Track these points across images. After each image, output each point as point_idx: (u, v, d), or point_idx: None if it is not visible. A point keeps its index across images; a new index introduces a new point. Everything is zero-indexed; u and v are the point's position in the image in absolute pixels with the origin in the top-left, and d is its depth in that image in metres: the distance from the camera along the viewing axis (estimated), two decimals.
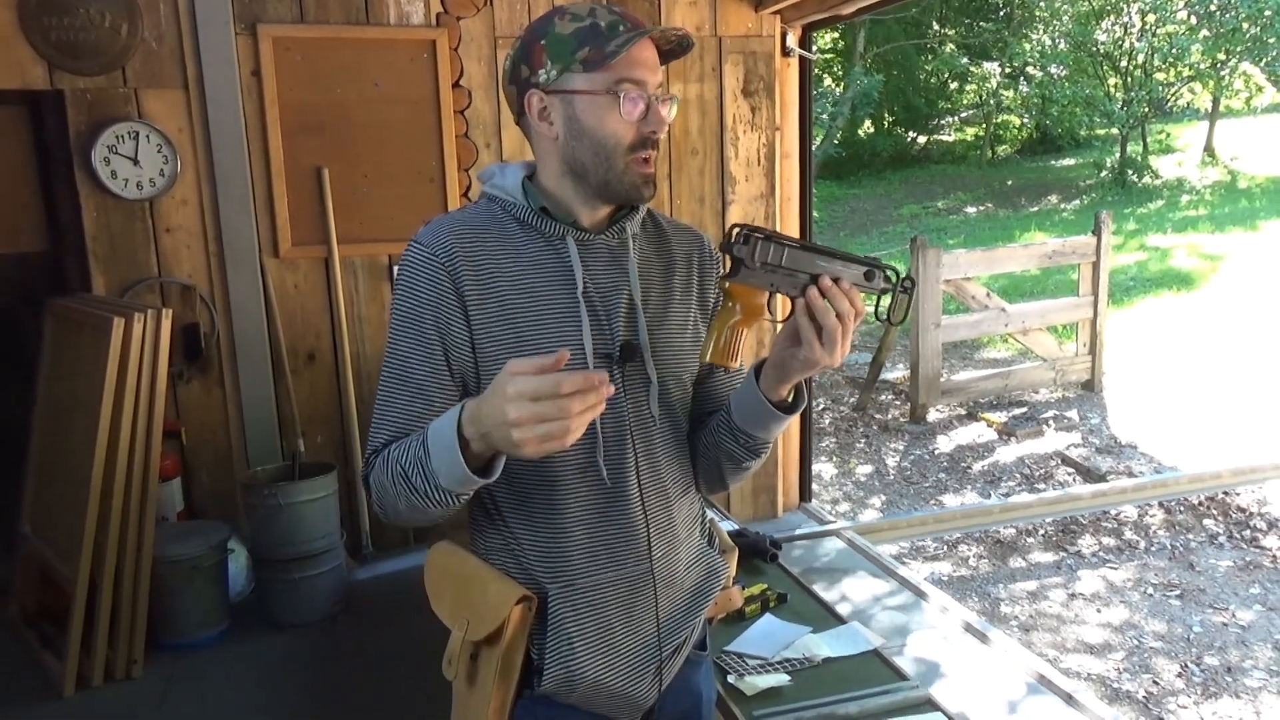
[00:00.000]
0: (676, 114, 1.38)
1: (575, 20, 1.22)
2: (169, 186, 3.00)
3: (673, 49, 1.26)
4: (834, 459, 6.03)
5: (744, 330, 1.22)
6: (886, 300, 1.20)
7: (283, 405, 3.20)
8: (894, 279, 1.19)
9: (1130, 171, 16.11)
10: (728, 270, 1.20)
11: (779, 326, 1.24)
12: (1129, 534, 4.73)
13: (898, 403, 6.91)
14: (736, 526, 3.36)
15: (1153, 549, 4.57)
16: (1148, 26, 15.74)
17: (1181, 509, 4.92)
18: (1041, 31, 17.34)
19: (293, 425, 3.20)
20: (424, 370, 1.23)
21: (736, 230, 1.17)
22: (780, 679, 2.22)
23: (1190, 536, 4.67)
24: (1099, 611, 4.02)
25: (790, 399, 1.26)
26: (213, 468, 3.18)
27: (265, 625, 2.92)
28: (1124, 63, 16.40)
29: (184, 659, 2.75)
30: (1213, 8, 14.55)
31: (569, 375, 0.98)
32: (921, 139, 21.36)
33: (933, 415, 6.54)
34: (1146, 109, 16.38)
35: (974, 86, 19.60)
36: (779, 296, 1.21)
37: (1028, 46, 16.97)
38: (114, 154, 2.92)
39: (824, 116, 16.59)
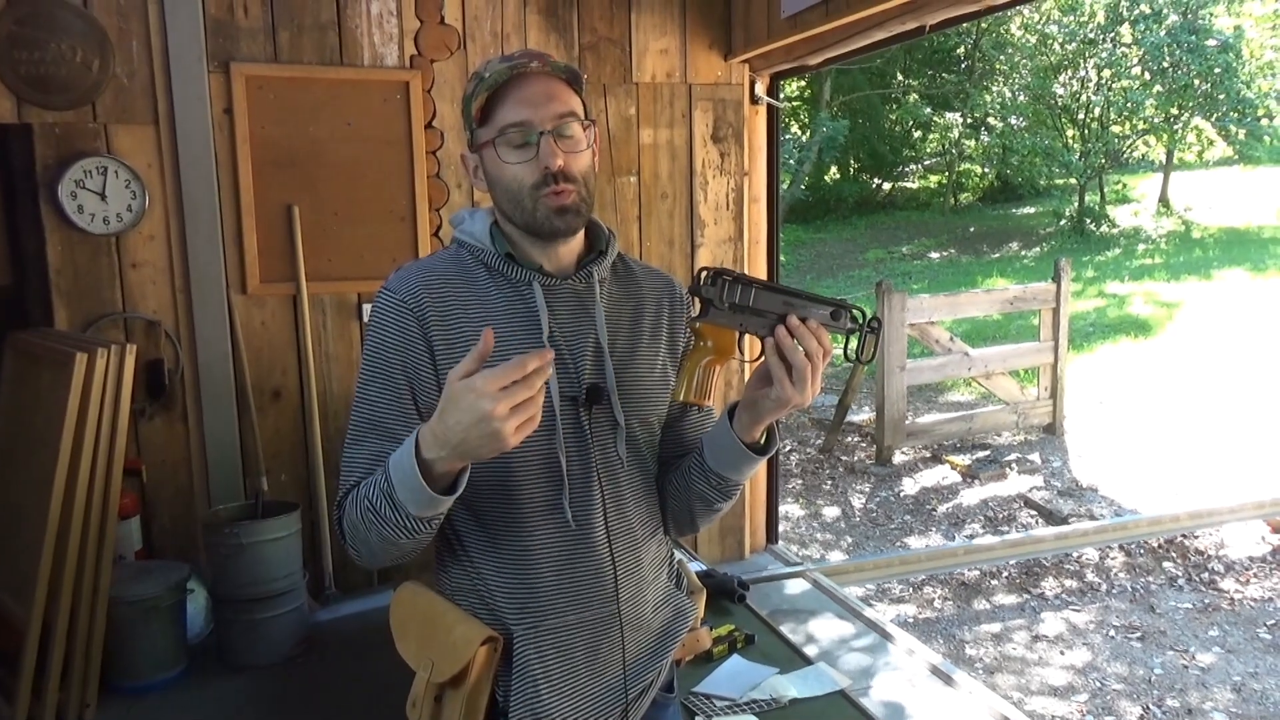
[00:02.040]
0: (644, 157, 1.39)
1: (476, 79, 1.26)
2: (136, 222, 2.98)
3: (569, 72, 1.26)
4: (800, 500, 6.05)
5: (716, 369, 1.24)
6: (855, 341, 1.23)
7: (246, 443, 3.16)
8: (860, 319, 1.22)
9: (1088, 220, 16.53)
10: (698, 311, 1.23)
11: (748, 366, 1.27)
12: (1091, 576, 4.78)
13: (863, 445, 6.97)
14: (704, 567, 3.36)
15: (1114, 591, 4.62)
16: (1104, 81, 16.24)
17: (1142, 552, 4.98)
18: (1002, 84, 17.82)
19: (256, 463, 3.16)
20: (392, 415, 1.24)
21: (705, 273, 1.20)
22: None
23: (1150, 579, 4.73)
24: (1062, 653, 4.05)
25: (763, 441, 1.27)
26: (173, 506, 3.12)
27: (224, 667, 2.85)
28: (1081, 115, 16.89)
29: (139, 702, 2.67)
30: (1165, 64, 15.06)
31: (528, 356, 1.02)
32: (886, 185, 21.76)
33: (898, 457, 6.59)
34: (1103, 160, 16.85)
35: (937, 135, 20.05)
36: (748, 336, 1.24)
37: (988, 98, 17.42)
38: (81, 188, 2.90)
39: (791, 162, 16.88)
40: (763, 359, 1.21)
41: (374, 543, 1.19)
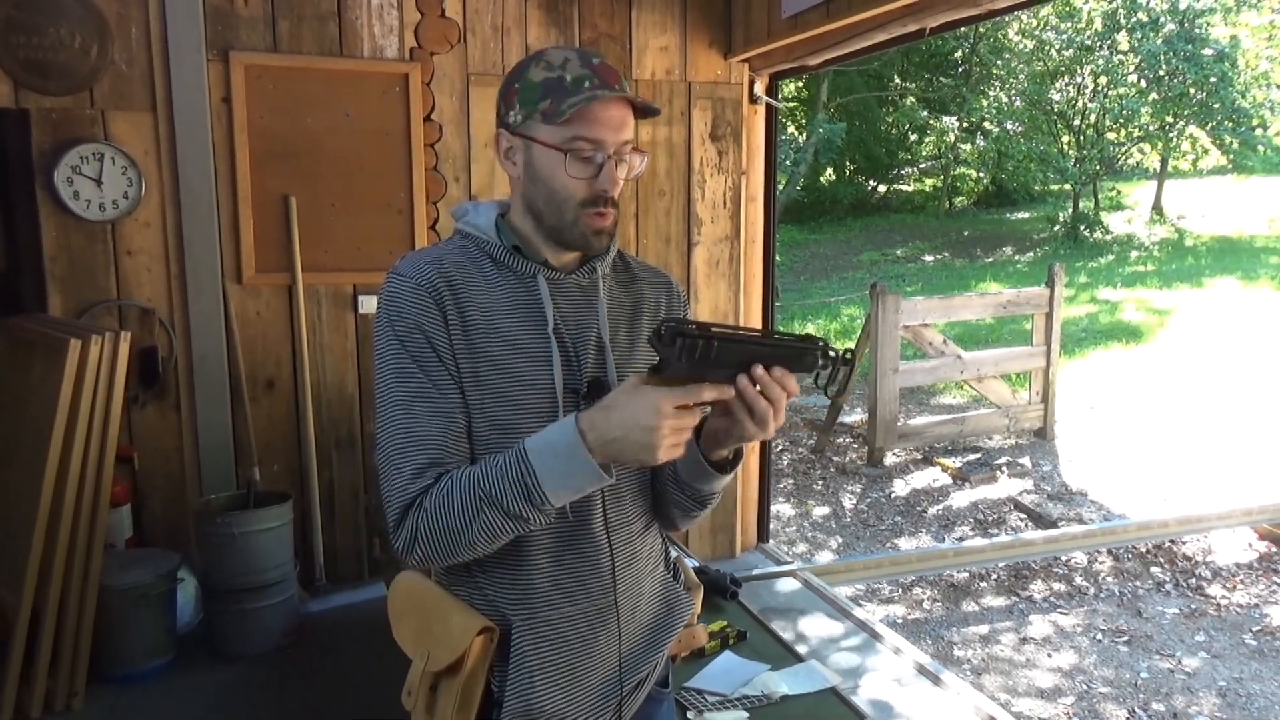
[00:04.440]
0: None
1: (547, 69, 1.25)
2: (132, 209, 2.97)
3: (648, 109, 1.29)
4: (792, 500, 6.06)
5: None
6: (824, 375, 1.22)
7: (239, 432, 3.16)
8: (831, 357, 1.19)
9: (1082, 226, 16.60)
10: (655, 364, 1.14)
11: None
12: (1079, 580, 4.81)
13: (855, 446, 6.98)
14: (698, 564, 3.37)
15: (1102, 595, 4.64)
16: (1100, 88, 16.31)
17: (1130, 556, 5.01)
18: (998, 89, 17.87)
19: (249, 453, 3.16)
20: (437, 388, 1.22)
21: (664, 328, 1.09)
22: (739, 716, 2.23)
23: (1138, 583, 4.76)
24: (1049, 656, 4.07)
25: (730, 456, 1.29)
26: (165, 494, 3.12)
27: (213, 657, 2.85)
28: (1077, 122, 16.95)
29: (127, 691, 2.67)
30: (1161, 73, 15.13)
31: (707, 386, 1.10)
32: (881, 188, 21.81)
33: (889, 459, 6.61)
34: (1098, 167, 16.92)
35: (933, 139, 20.10)
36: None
37: (985, 103, 17.47)
38: (77, 174, 2.89)
39: (787, 163, 16.89)
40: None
41: (463, 536, 1.16)
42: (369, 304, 3.23)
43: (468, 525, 1.15)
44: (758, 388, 1.14)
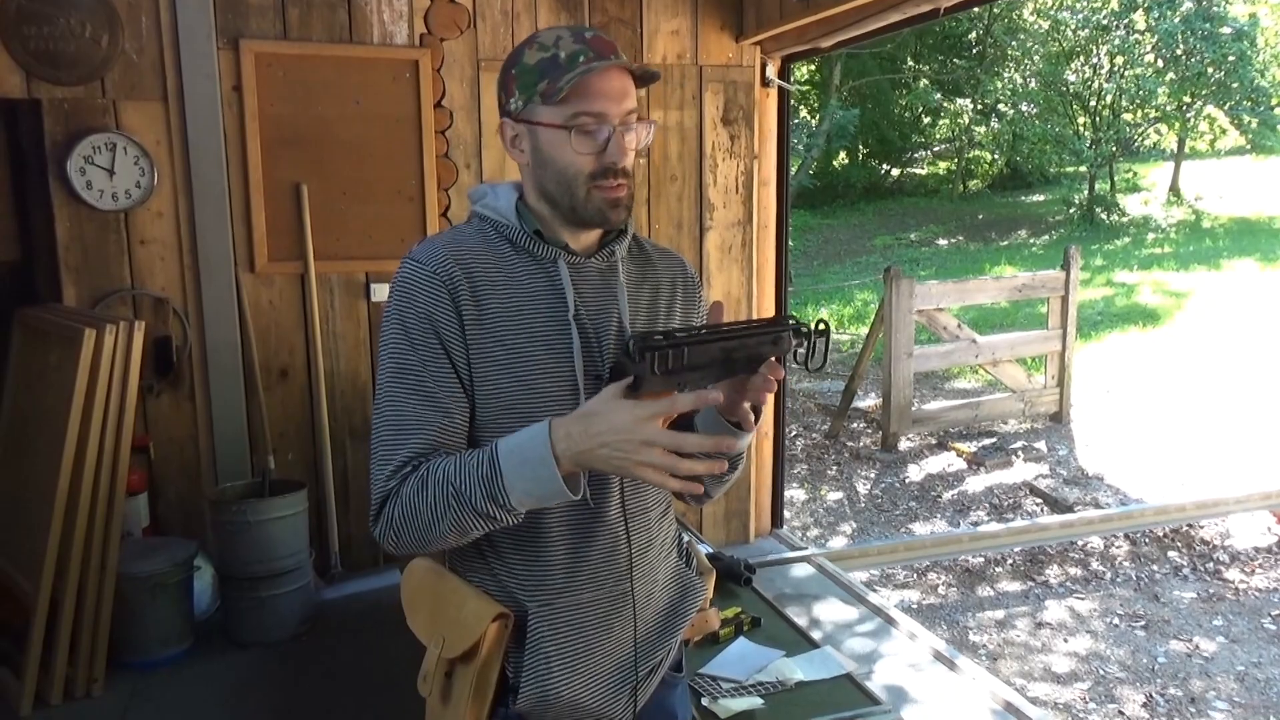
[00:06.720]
0: (654, 139, 1.37)
1: (541, 50, 1.23)
2: (145, 198, 2.97)
3: (646, 75, 1.27)
4: (805, 485, 6.05)
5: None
6: (804, 347, 1.20)
7: (254, 421, 3.17)
8: (805, 333, 1.17)
9: (1098, 209, 16.46)
10: (630, 382, 1.10)
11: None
12: (1095, 564, 4.78)
13: (869, 431, 6.96)
14: (711, 550, 3.36)
15: (1118, 580, 4.62)
16: (1116, 68, 16.13)
17: (1147, 541, 4.98)
18: (1013, 70, 17.70)
19: (263, 442, 3.17)
20: (435, 382, 1.21)
21: (633, 343, 1.08)
22: (753, 702, 2.23)
23: (1155, 568, 4.73)
24: (1065, 641, 4.05)
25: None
26: (180, 483, 3.14)
27: (229, 644, 2.87)
28: (1093, 103, 16.78)
29: (145, 678, 2.69)
30: (1179, 52, 14.95)
31: (678, 398, 1.06)
32: (895, 171, 21.68)
33: (904, 444, 6.58)
34: (1114, 148, 16.75)
35: (947, 121, 19.94)
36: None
37: (999, 84, 17.31)
38: (90, 164, 2.90)
39: (799, 147, 16.80)
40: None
41: (434, 528, 1.16)
42: (381, 292, 3.24)
43: (437, 518, 1.15)
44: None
